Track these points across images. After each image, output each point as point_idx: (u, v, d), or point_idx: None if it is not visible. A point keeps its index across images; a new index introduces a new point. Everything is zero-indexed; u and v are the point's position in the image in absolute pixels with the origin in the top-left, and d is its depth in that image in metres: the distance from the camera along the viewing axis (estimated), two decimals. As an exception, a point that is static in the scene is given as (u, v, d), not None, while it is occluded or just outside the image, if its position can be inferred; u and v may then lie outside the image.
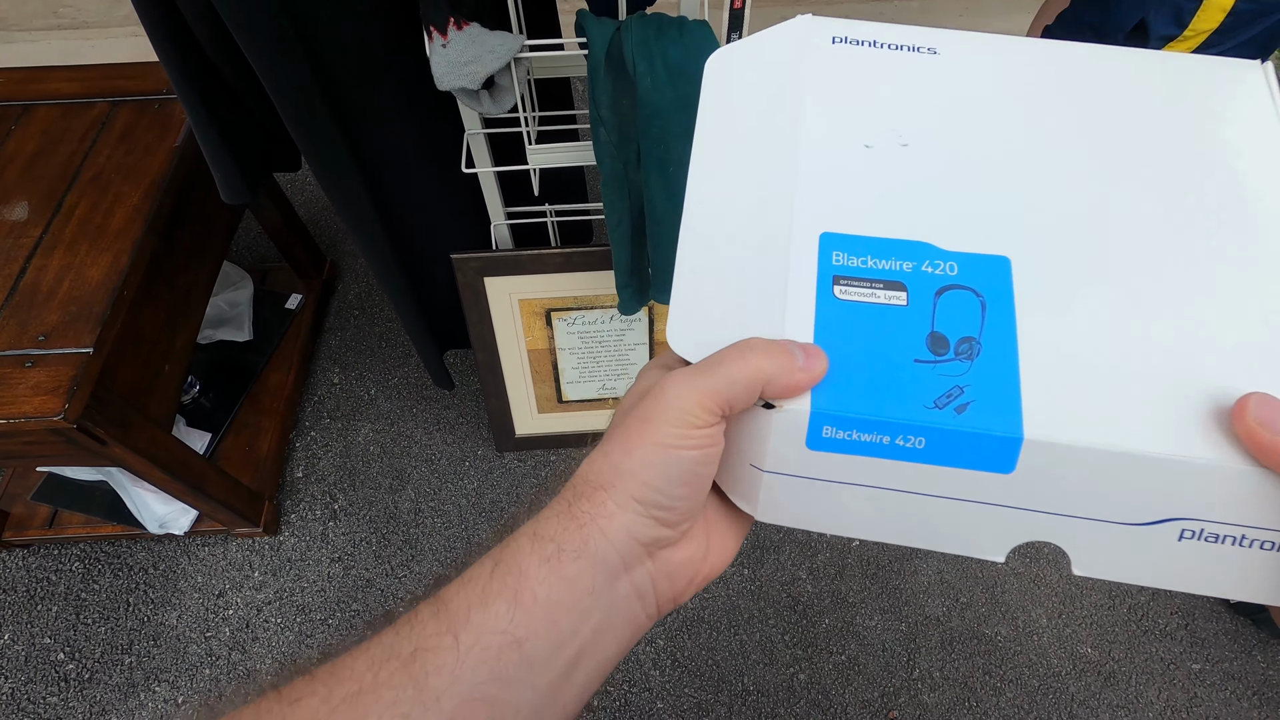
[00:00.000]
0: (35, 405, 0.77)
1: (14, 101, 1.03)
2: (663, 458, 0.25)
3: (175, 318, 0.99)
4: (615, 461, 0.26)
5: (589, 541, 0.25)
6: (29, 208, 0.92)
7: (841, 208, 0.28)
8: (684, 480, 0.26)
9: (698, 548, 0.29)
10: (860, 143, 0.30)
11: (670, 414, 0.25)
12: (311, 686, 0.23)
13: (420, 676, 0.23)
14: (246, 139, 0.81)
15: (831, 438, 0.25)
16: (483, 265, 1.04)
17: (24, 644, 1.16)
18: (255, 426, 1.28)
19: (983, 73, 0.31)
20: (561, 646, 0.24)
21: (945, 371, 0.25)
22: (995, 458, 0.24)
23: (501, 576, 0.25)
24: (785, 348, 0.26)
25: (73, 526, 1.19)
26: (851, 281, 0.27)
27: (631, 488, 0.25)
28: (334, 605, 1.19)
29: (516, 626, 0.24)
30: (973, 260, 0.27)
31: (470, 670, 0.23)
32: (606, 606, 0.25)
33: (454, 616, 0.24)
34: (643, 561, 0.26)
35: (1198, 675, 1.13)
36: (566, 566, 0.25)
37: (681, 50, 0.72)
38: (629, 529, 0.25)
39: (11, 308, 0.84)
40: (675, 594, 0.28)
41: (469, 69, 0.70)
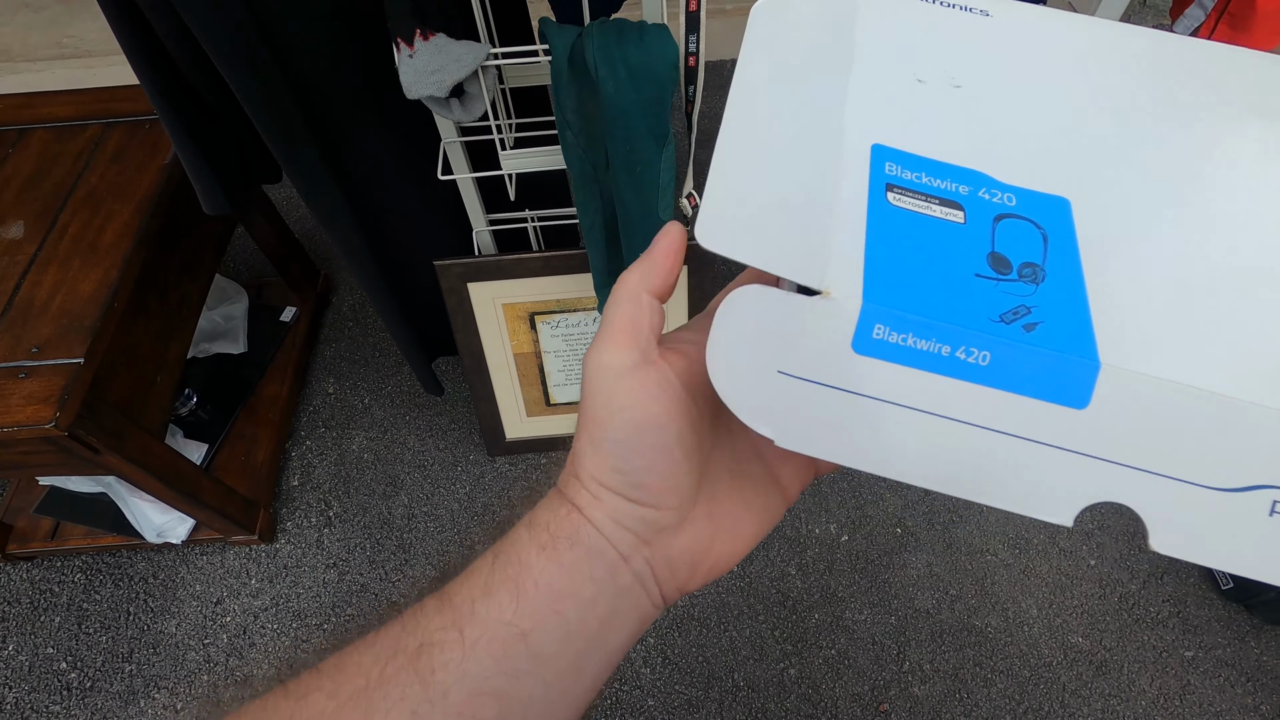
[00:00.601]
0: (28, 414, 0.80)
1: (11, 126, 1.07)
2: (603, 432, 0.24)
3: (167, 330, 1.02)
4: (579, 446, 0.25)
5: (579, 529, 0.24)
6: (24, 226, 0.96)
7: (893, 126, 0.26)
8: (635, 449, 0.24)
9: (700, 534, 0.27)
10: (913, 76, 0.28)
11: (593, 380, 0.24)
12: (318, 681, 0.23)
13: (426, 672, 0.22)
14: (224, 151, 0.83)
15: (883, 340, 0.22)
16: (465, 271, 1.06)
17: (28, 654, 1.18)
18: (251, 437, 1.31)
19: (1036, 33, 0.30)
20: (569, 637, 0.24)
21: (1009, 290, 0.22)
22: (1068, 386, 0.21)
23: (503, 567, 0.24)
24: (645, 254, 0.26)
25: (74, 538, 1.22)
26: (905, 192, 0.24)
27: (594, 471, 0.25)
28: (329, 610, 1.21)
29: (521, 618, 0.23)
30: (1031, 195, 0.25)
31: (477, 664, 0.23)
32: (611, 596, 0.25)
33: (458, 610, 0.24)
34: (638, 549, 0.25)
35: (1190, 662, 1.13)
36: (563, 554, 0.24)
37: (642, 53, 0.74)
38: (611, 515, 0.25)
39: (7, 322, 0.87)
40: (679, 583, 0.27)
41: (435, 78, 0.73)
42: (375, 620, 0.24)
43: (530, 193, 1.07)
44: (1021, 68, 0.29)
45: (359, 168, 0.88)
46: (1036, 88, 0.28)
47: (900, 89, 0.28)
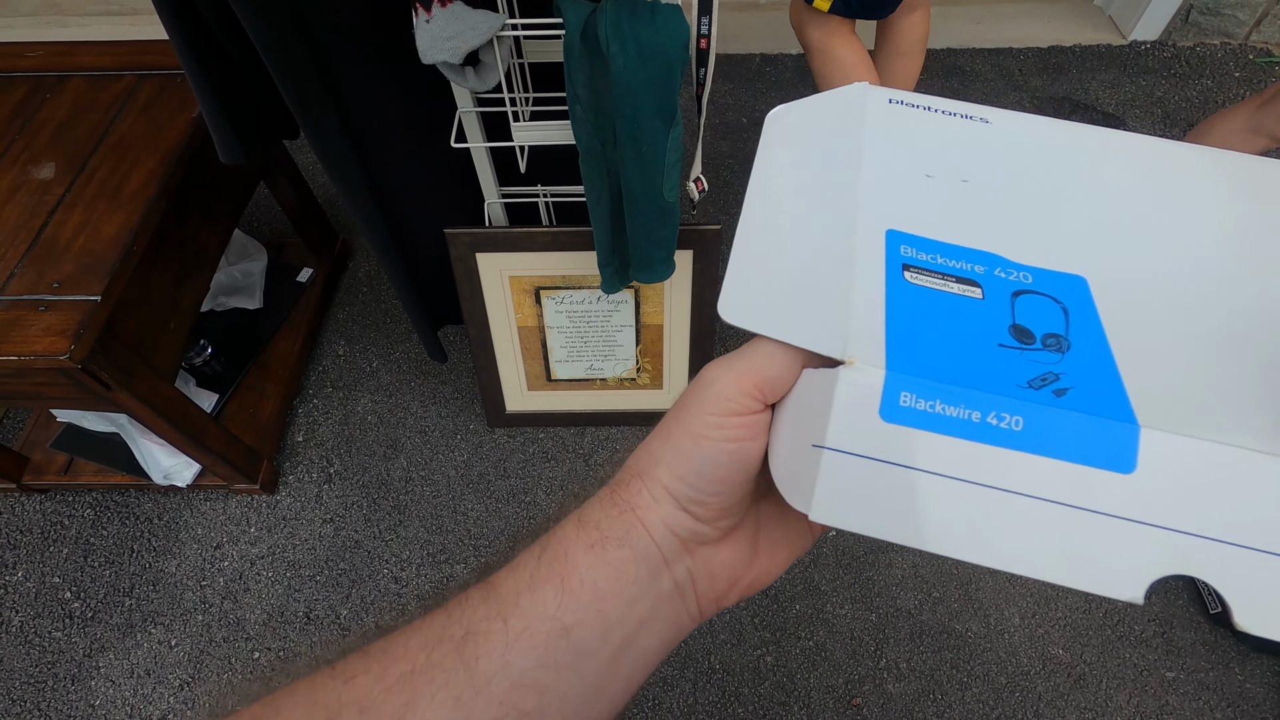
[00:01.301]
0: (45, 345, 0.84)
1: (51, 72, 1.11)
2: (694, 448, 0.25)
3: (183, 277, 1.05)
4: (652, 449, 0.26)
5: (630, 530, 0.25)
6: (55, 168, 0.99)
7: (906, 214, 0.27)
8: (716, 475, 0.25)
9: (743, 552, 0.28)
10: (921, 172, 0.29)
11: (706, 399, 0.25)
12: (365, 664, 0.23)
13: (471, 660, 0.23)
14: (243, 104, 0.86)
15: (910, 407, 0.21)
16: (475, 240, 1.08)
17: (35, 581, 1.23)
18: (261, 390, 1.35)
19: (1035, 137, 0.31)
20: (608, 635, 0.24)
21: (1035, 358, 0.22)
22: (1110, 449, 0.20)
23: (549, 562, 0.25)
24: None
25: (86, 474, 1.26)
26: (922, 271, 0.25)
27: (664, 478, 0.25)
28: (323, 563, 1.24)
29: (564, 613, 0.24)
30: (1047, 274, 0.25)
31: (519, 655, 0.23)
32: (651, 599, 0.25)
33: (503, 601, 0.24)
34: (682, 557, 0.26)
35: (1171, 683, 1.12)
36: (610, 554, 0.25)
37: (653, 31, 0.75)
38: (665, 521, 0.25)
39: (32, 257, 0.91)
40: (716, 595, 0.27)
41: (450, 44, 0.75)
42: (420, 609, 0.25)
43: (545, 168, 1.09)
44: (1024, 165, 0.30)
45: (372, 127, 0.91)
46: (1040, 181, 0.29)
47: (910, 182, 0.29)
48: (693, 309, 1.18)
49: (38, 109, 1.06)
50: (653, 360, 1.26)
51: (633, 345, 1.24)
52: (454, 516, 1.29)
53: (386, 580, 1.23)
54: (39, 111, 1.06)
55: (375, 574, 1.23)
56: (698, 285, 1.15)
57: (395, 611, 1.20)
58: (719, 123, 1.85)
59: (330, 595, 1.21)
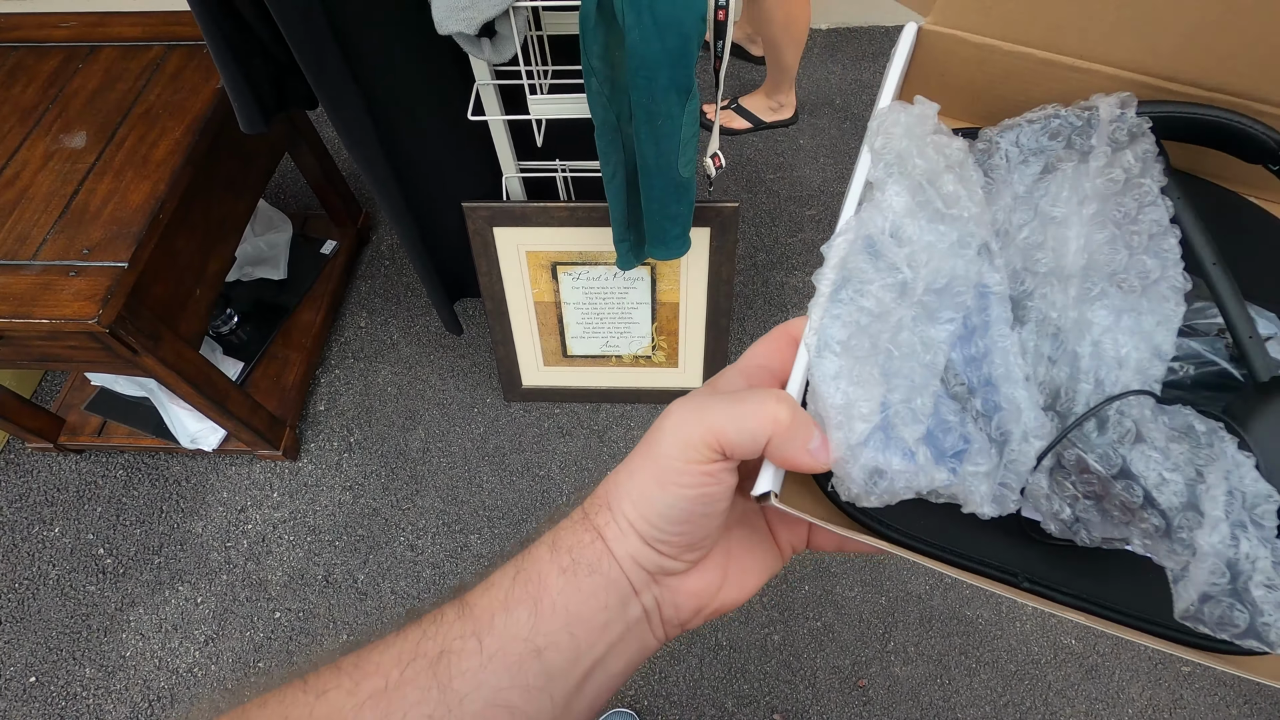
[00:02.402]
0: (75, 309, 0.86)
1: (83, 42, 1.13)
2: (658, 491, 0.24)
3: (208, 245, 1.08)
4: (621, 482, 0.26)
5: (601, 559, 0.25)
6: (87, 137, 1.02)
7: None
8: (679, 518, 0.25)
9: (711, 579, 0.28)
10: None
11: (669, 443, 0.24)
12: (337, 679, 0.23)
13: (445, 678, 0.23)
14: (263, 73, 0.87)
15: None
16: (492, 215, 1.09)
17: (71, 538, 1.28)
18: (284, 359, 1.38)
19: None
20: (578, 658, 0.25)
21: None
22: None
23: (523, 584, 0.25)
24: (807, 419, 0.24)
25: (118, 437, 1.31)
26: None
27: (630, 514, 0.25)
28: (341, 529, 1.28)
29: (537, 635, 0.24)
30: None
31: (493, 675, 0.23)
32: (621, 624, 0.26)
33: (478, 620, 0.24)
34: (649, 586, 0.26)
35: (1186, 677, 1.11)
36: (582, 580, 0.25)
37: (669, 3, 0.74)
38: (632, 554, 0.25)
39: (63, 224, 0.93)
40: (681, 621, 0.28)
41: (466, 14, 0.75)
42: (394, 624, 0.25)
43: (564, 143, 1.08)
44: None
45: (390, 99, 0.91)
46: None
47: None
48: (709, 287, 1.17)
49: (70, 78, 1.09)
50: (668, 338, 1.26)
51: (648, 322, 1.24)
52: (469, 488, 1.31)
53: (403, 548, 1.26)
54: (71, 81, 1.09)
55: (392, 541, 1.26)
56: (714, 263, 1.14)
57: (411, 578, 1.23)
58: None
59: (349, 560, 1.25)
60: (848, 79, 1.85)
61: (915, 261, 0.26)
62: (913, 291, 0.26)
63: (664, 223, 0.95)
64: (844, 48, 1.92)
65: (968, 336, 0.27)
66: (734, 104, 1.75)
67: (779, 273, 1.53)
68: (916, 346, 0.25)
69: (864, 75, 1.86)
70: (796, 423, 0.24)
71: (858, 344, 0.25)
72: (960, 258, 0.26)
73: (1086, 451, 0.25)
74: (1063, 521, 0.25)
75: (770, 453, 0.24)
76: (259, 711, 0.23)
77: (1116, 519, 0.25)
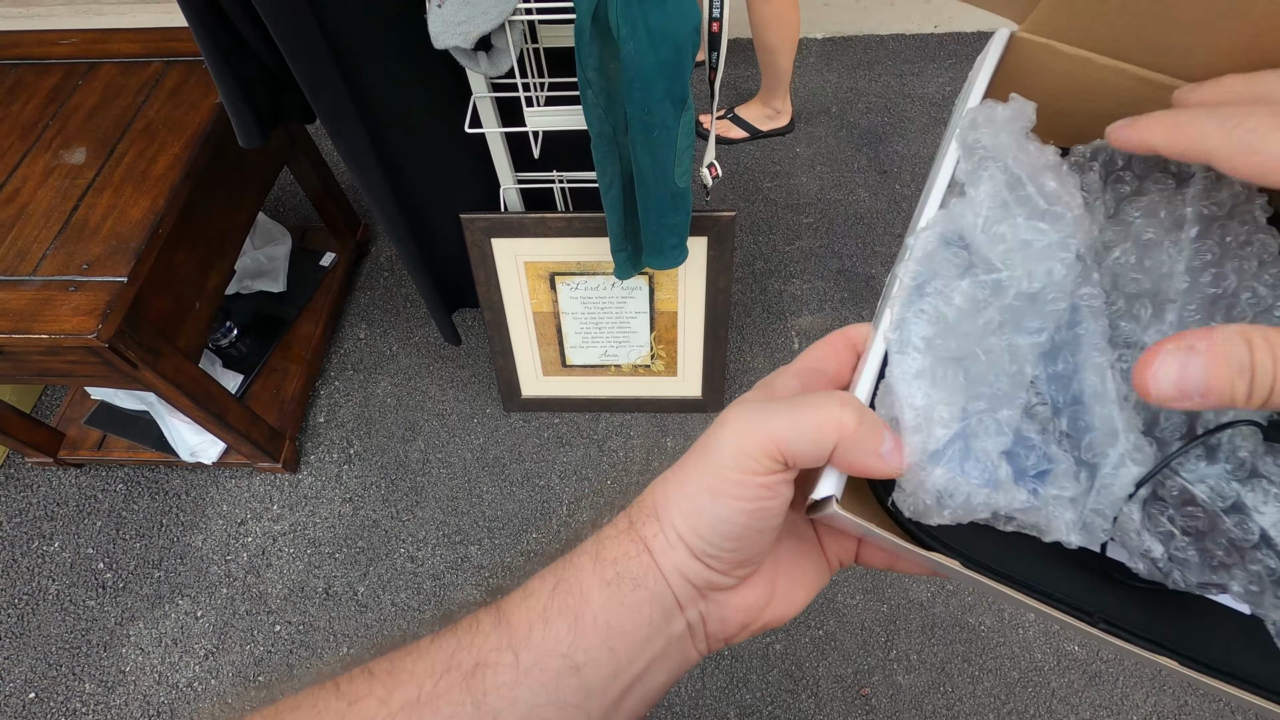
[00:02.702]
0: (74, 324, 0.87)
1: (83, 59, 1.14)
2: (710, 504, 0.23)
3: (208, 260, 1.08)
4: (670, 493, 0.25)
5: (647, 573, 0.24)
6: (86, 153, 1.02)
7: None
8: (732, 533, 0.23)
9: (759, 595, 0.27)
10: None
11: (726, 452, 0.23)
12: (370, 686, 0.23)
13: (479, 693, 0.22)
14: (260, 87, 0.88)
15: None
16: (490, 226, 1.09)
17: (70, 552, 1.28)
18: (284, 371, 1.38)
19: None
20: (618, 675, 0.24)
21: None
22: None
23: (564, 595, 0.24)
24: (877, 422, 0.23)
25: (118, 450, 1.31)
26: None
27: (679, 526, 0.24)
28: (342, 541, 1.27)
29: (576, 651, 0.23)
30: None
31: (529, 691, 0.23)
32: (664, 640, 0.25)
33: (515, 632, 0.24)
34: (696, 601, 0.25)
35: (1191, 684, 1.09)
36: (627, 595, 0.24)
37: (663, 14, 0.74)
38: (680, 568, 0.24)
39: (63, 239, 0.94)
40: (726, 636, 0.27)
41: (462, 29, 0.75)
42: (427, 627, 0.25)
43: (561, 154, 1.09)
44: None
45: (387, 112, 0.92)
46: None
47: None
48: (707, 296, 1.17)
49: (70, 94, 1.10)
50: (667, 347, 1.26)
51: (647, 332, 1.24)
52: (469, 499, 1.31)
53: (403, 560, 1.26)
54: (71, 97, 1.09)
55: (392, 553, 1.26)
56: (712, 272, 1.14)
57: (411, 590, 1.23)
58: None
59: (349, 572, 1.25)
60: (844, 87, 1.86)
61: (1010, 261, 0.24)
62: (1004, 293, 0.24)
63: (661, 233, 0.95)
64: (840, 56, 1.93)
65: (1053, 352, 0.25)
66: (730, 114, 1.76)
67: (777, 280, 1.53)
68: (1004, 355, 0.24)
69: (860, 83, 1.87)
70: (865, 426, 0.22)
71: (943, 343, 0.23)
72: (1059, 260, 0.24)
73: (1193, 483, 0.22)
74: (1153, 560, 0.23)
75: (837, 459, 0.22)
76: (291, 714, 0.23)
77: (1219, 561, 0.22)
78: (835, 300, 1.50)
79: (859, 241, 1.58)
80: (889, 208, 1.63)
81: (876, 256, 1.56)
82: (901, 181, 1.67)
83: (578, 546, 0.26)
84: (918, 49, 1.92)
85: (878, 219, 1.61)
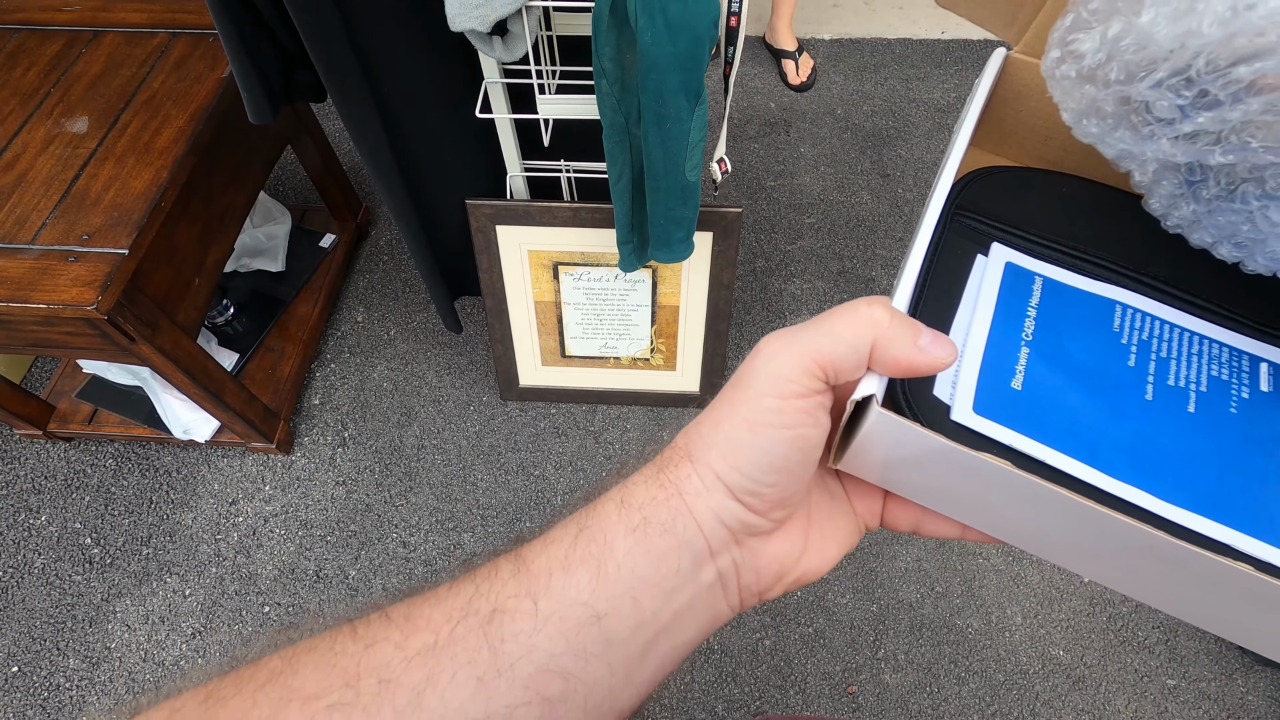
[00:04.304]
0: (73, 295, 0.85)
1: (87, 27, 1.13)
2: (750, 436, 0.23)
3: (208, 235, 1.07)
4: (704, 432, 0.24)
5: (677, 517, 0.24)
6: (89, 122, 1.01)
7: None
8: (774, 465, 0.23)
9: (793, 544, 0.26)
10: None
11: (763, 379, 0.23)
12: (387, 630, 0.23)
13: (496, 640, 0.22)
14: (273, 64, 0.87)
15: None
16: (495, 213, 1.09)
17: (57, 526, 1.27)
18: (280, 352, 1.37)
19: None
20: (642, 626, 0.23)
21: None
22: None
23: (586, 543, 0.23)
24: (913, 320, 0.23)
25: (109, 425, 1.29)
26: None
27: (717, 465, 0.24)
28: (334, 524, 1.27)
29: (598, 599, 0.23)
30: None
31: (547, 640, 0.22)
32: (691, 591, 0.24)
33: (534, 579, 0.23)
34: (729, 547, 0.24)
35: (1172, 691, 1.12)
36: (653, 541, 0.23)
37: (682, 6, 0.74)
38: (715, 511, 0.24)
39: (63, 209, 0.93)
40: (760, 589, 0.26)
41: (479, 12, 0.75)
42: (447, 574, 0.24)
43: (569, 143, 1.09)
44: None
45: (399, 94, 0.91)
46: None
47: None
48: (709, 291, 1.18)
49: (73, 62, 1.08)
50: (667, 341, 1.26)
51: (648, 325, 1.24)
52: (463, 486, 1.31)
53: (395, 544, 1.25)
54: (74, 65, 1.08)
55: (384, 537, 1.26)
56: (716, 267, 1.14)
57: (403, 575, 1.22)
58: (749, 108, 1.83)
59: (340, 555, 1.24)
60: (849, 89, 1.86)
61: None
62: None
63: (669, 226, 0.95)
64: (846, 58, 1.93)
65: None
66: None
67: (778, 279, 1.54)
68: None
69: (865, 86, 1.87)
70: (899, 320, 0.22)
71: None
72: None
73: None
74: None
75: (876, 360, 0.22)
76: (308, 655, 0.23)
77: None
78: (835, 301, 1.51)
79: (860, 244, 1.59)
80: (890, 211, 1.64)
81: (877, 259, 1.56)
82: (904, 185, 1.68)
83: (604, 494, 0.25)
84: (924, 54, 1.93)
85: (879, 222, 1.62)
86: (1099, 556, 0.24)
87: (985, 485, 0.24)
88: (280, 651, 0.23)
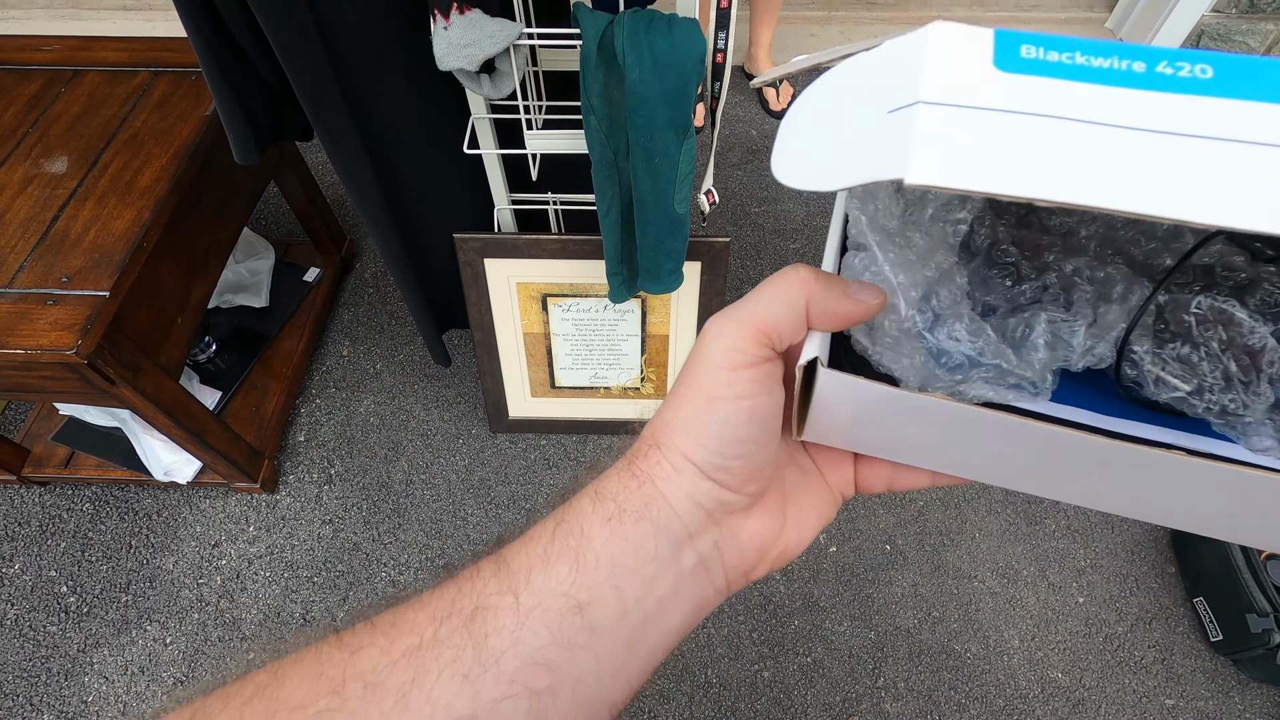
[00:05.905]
0: (52, 339, 0.83)
1: (67, 66, 1.12)
2: (708, 411, 0.24)
3: (192, 274, 1.05)
4: (667, 418, 0.25)
5: (650, 503, 0.24)
6: (68, 162, 1.00)
7: None
8: (736, 436, 0.24)
9: (771, 520, 0.27)
10: None
11: (712, 355, 0.24)
12: (372, 636, 0.23)
13: (480, 636, 0.22)
14: (259, 104, 0.86)
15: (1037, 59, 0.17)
16: (483, 246, 1.08)
17: (31, 575, 1.23)
18: (264, 389, 1.34)
19: None
20: (626, 614, 0.23)
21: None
22: None
23: (563, 537, 0.24)
24: (833, 274, 0.24)
25: (86, 468, 1.26)
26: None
27: (683, 446, 0.24)
28: (321, 565, 1.24)
29: (578, 589, 0.23)
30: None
31: (531, 633, 0.22)
32: (673, 576, 0.24)
33: (514, 576, 0.23)
34: (708, 529, 0.25)
35: (1170, 711, 1.11)
36: (629, 529, 0.24)
37: (669, 44, 0.75)
38: (689, 492, 0.24)
39: (41, 250, 0.91)
40: (745, 568, 0.26)
41: (467, 51, 0.75)
42: (431, 580, 0.25)
43: (556, 176, 1.09)
44: None
45: (387, 132, 0.91)
46: None
47: None
48: (699, 320, 1.18)
49: (52, 102, 1.07)
50: (657, 370, 1.26)
51: (638, 355, 1.24)
52: (454, 521, 1.28)
53: (384, 584, 1.22)
54: (53, 105, 1.06)
55: (373, 577, 1.23)
56: (705, 296, 1.15)
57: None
58: (730, 136, 1.85)
59: (327, 597, 1.21)
60: (829, 116, 1.89)
61: None
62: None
63: (658, 258, 0.96)
64: (825, 86, 1.96)
65: None
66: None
67: (765, 305, 1.54)
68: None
69: (845, 113, 1.90)
70: (825, 277, 0.23)
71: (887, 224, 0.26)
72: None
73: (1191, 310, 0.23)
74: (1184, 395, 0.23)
75: (814, 318, 0.23)
76: (294, 667, 0.22)
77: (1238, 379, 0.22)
78: (822, 325, 1.52)
79: (845, 268, 1.60)
80: (874, 235, 1.66)
81: (862, 283, 1.58)
82: (886, 210, 1.70)
83: (577, 491, 0.25)
84: (901, 81, 1.97)
85: (863, 246, 1.64)
86: (1054, 474, 0.24)
87: (933, 422, 0.23)
88: (267, 666, 0.23)
